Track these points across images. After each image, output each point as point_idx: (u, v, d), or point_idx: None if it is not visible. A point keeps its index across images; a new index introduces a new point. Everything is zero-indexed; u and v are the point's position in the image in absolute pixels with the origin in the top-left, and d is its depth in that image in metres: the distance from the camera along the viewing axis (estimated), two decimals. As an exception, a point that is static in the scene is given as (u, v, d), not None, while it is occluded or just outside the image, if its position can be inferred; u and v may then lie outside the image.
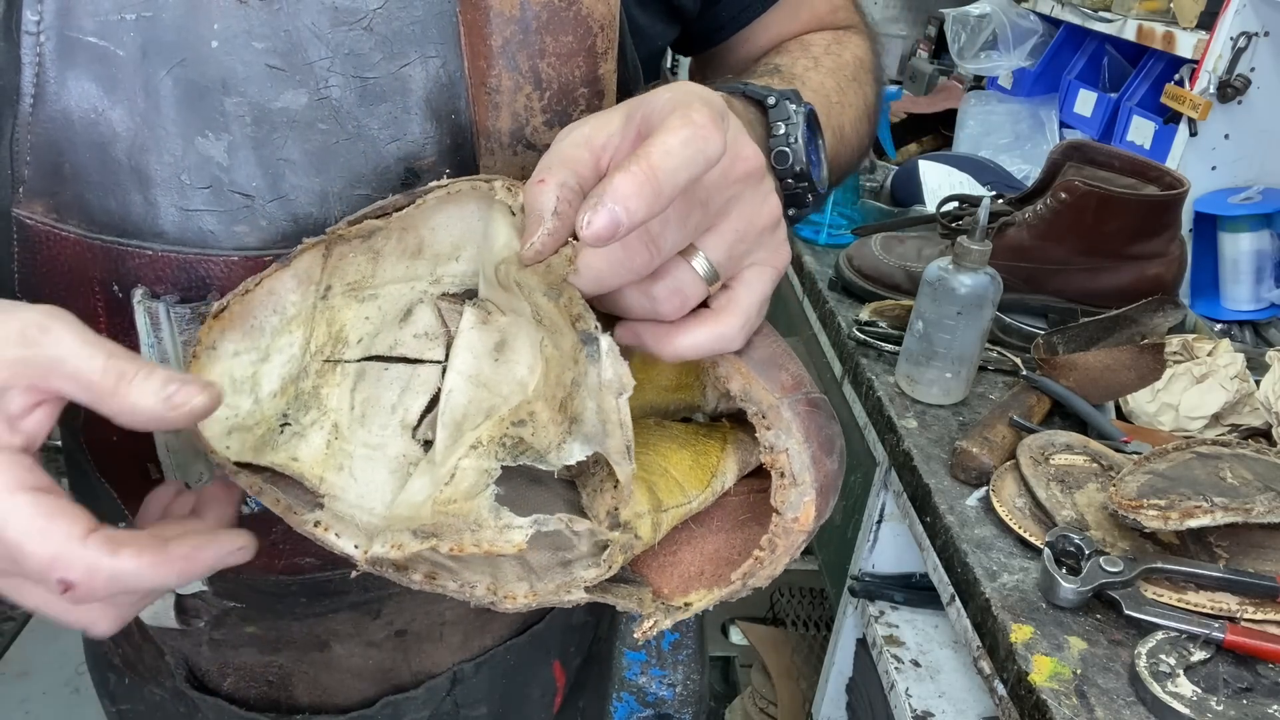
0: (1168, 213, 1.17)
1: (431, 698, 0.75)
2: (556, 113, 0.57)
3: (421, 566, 0.49)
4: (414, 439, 0.52)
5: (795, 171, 0.55)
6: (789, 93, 0.57)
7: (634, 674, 0.72)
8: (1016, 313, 1.22)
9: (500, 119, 0.56)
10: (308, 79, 0.53)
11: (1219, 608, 0.75)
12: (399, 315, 0.53)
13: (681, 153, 0.39)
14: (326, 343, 0.53)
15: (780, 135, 0.55)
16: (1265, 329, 1.49)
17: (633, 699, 0.73)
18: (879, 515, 1.15)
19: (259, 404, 0.51)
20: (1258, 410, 1.03)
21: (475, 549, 0.45)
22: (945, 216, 1.32)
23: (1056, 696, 0.69)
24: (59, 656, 2.06)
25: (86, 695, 2.05)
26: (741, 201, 0.45)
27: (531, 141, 0.57)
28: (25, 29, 0.51)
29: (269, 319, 0.51)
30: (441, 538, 0.46)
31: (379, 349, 0.53)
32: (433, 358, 0.53)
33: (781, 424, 0.49)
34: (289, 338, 0.52)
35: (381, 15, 0.54)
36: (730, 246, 0.46)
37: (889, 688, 1.06)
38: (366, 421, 0.52)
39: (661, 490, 0.52)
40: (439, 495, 0.46)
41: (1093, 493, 0.86)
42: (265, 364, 0.51)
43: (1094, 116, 1.88)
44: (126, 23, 0.51)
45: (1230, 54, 1.43)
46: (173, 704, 0.76)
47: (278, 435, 0.51)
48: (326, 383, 0.53)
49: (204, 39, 0.52)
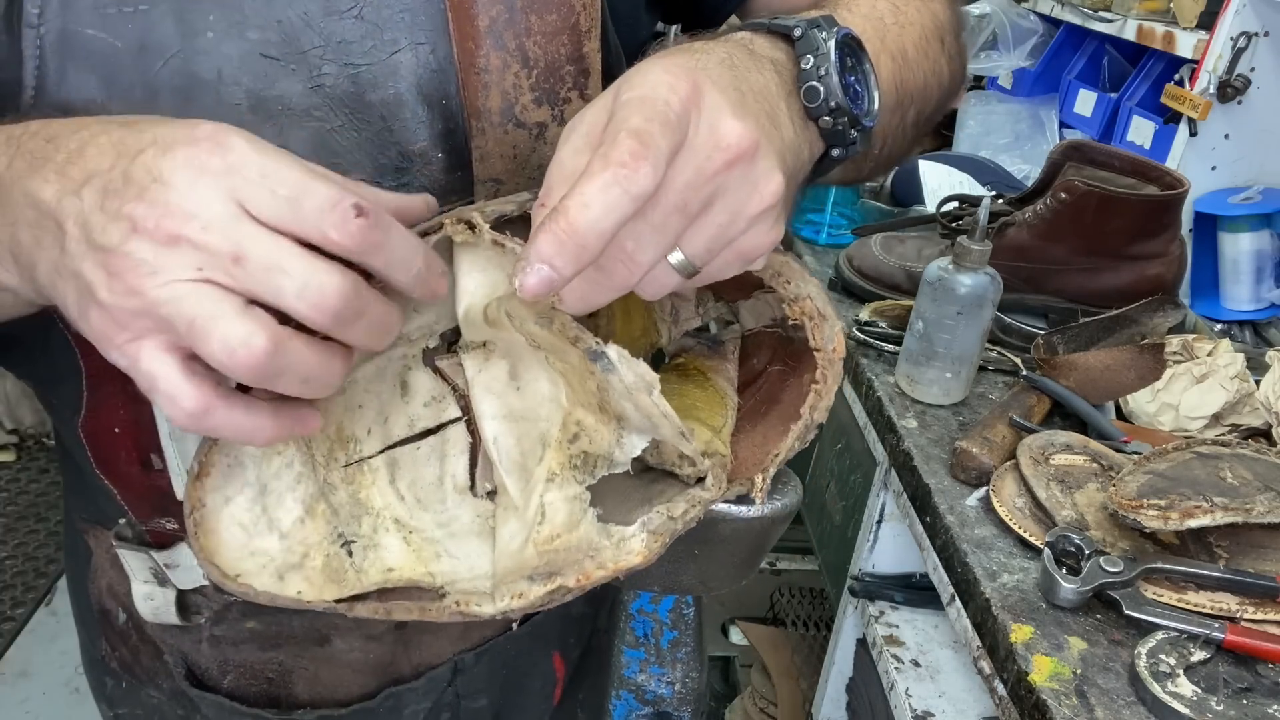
0: (1168, 213, 1.17)
1: (433, 688, 0.75)
2: (544, 90, 0.58)
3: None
4: (476, 497, 0.53)
5: (831, 107, 0.49)
6: (819, 20, 0.51)
7: (633, 672, 0.72)
8: (1016, 313, 1.22)
9: (490, 98, 0.57)
10: (301, 68, 0.54)
11: (1219, 608, 0.75)
12: (395, 392, 0.53)
13: (601, 200, 0.38)
14: (334, 448, 0.52)
15: (809, 69, 0.49)
16: (1265, 329, 1.49)
17: (631, 697, 0.73)
18: (879, 515, 1.15)
19: (287, 537, 0.51)
20: (1258, 410, 1.03)
21: (603, 573, 0.47)
22: (945, 216, 1.32)
23: (1056, 696, 0.69)
24: (59, 656, 2.06)
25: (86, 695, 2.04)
26: (726, 193, 0.43)
27: (521, 120, 0.58)
28: (26, 22, 0.51)
29: (245, 450, 0.50)
30: (563, 574, 0.48)
31: (398, 434, 0.53)
32: (452, 416, 0.54)
33: (796, 275, 0.54)
34: (279, 460, 0.51)
35: (371, 3, 0.55)
36: (711, 240, 0.44)
37: (889, 688, 1.06)
38: (426, 504, 0.53)
39: (706, 419, 0.56)
40: (538, 537, 0.48)
41: (1093, 493, 0.86)
42: (268, 497, 0.51)
43: (1094, 116, 1.88)
44: (124, 15, 0.52)
45: (1230, 54, 1.43)
46: (171, 706, 0.76)
47: (348, 559, 0.52)
48: (360, 486, 0.53)
49: (199, 30, 0.53)
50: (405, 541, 0.52)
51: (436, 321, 0.53)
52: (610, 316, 0.59)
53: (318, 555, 0.51)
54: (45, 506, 2.50)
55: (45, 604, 2.19)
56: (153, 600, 0.68)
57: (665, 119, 0.39)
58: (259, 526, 0.50)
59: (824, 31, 0.50)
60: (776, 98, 0.47)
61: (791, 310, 0.55)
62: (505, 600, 0.48)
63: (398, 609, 0.50)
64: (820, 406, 0.55)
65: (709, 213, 0.43)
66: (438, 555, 0.52)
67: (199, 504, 0.49)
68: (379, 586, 0.52)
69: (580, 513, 0.48)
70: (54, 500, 2.53)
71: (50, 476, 2.62)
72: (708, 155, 0.41)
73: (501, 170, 0.60)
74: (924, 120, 0.67)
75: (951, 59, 0.68)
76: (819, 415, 0.55)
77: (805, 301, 0.54)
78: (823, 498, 1.47)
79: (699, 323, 0.64)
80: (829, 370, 0.54)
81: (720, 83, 0.43)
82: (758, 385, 0.60)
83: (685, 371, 0.61)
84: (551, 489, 0.48)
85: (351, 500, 0.52)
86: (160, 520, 0.65)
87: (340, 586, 0.51)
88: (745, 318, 0.63)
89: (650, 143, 0.38)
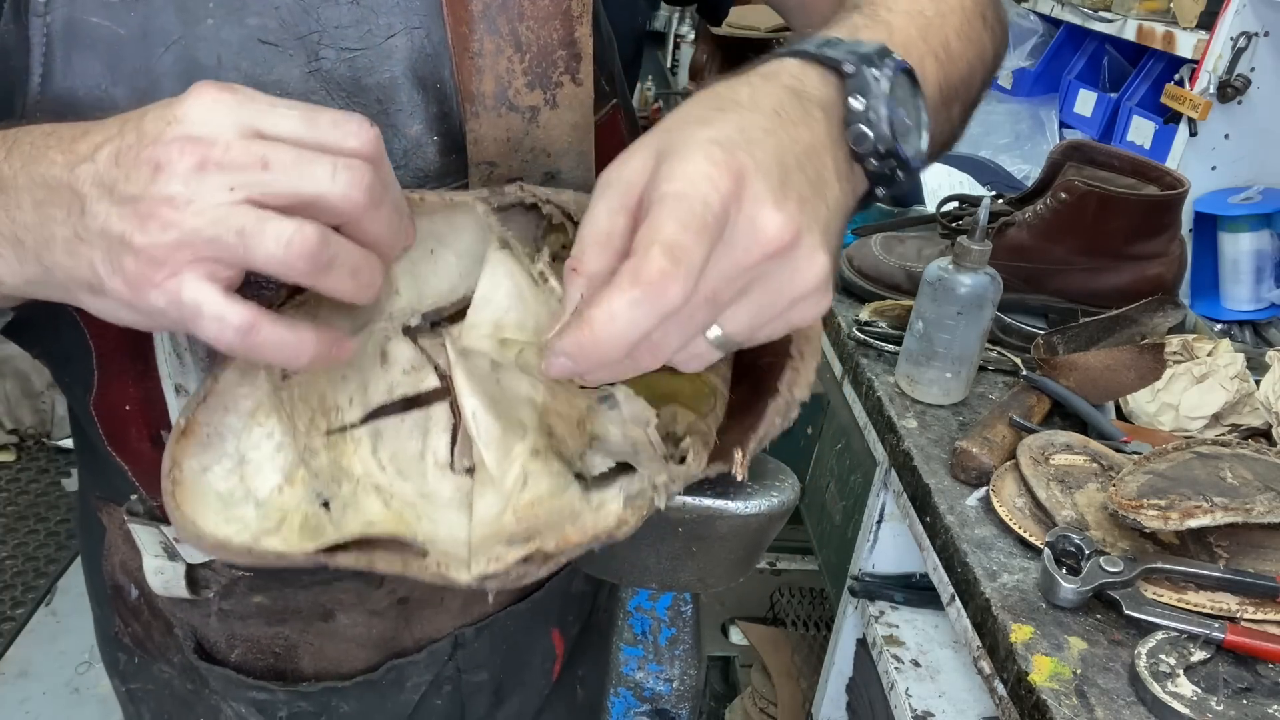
0: (1168, 213, 1.17)
1: (434, 661, 0.76)
2: (537, 74, 0.60)
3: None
4: (454, 473, 0.53)
5: (879, 152, 0.48)
6: (873, 53, 0.48)
7: (631, 669, 0.72)
8: (1016, 313, 1.22)
9: (484, 82, 0.59)
10: (299, 53, 0.56)
11: (1219, 608, 0.75)
12: (375, 361, 0.54)
13: (627, 316, 0.38)
14: (316, 417, 0.53)
15: (859, 110, 0.47)
16: (1265, 329, 1.49)
17: (630, 694, 0.74)
18: (879, 515, 1.15)
19: (263, 505, 0.51)
20: (1258, 410, 1.03)
21: (580, 537, 0.48)
22: (945, 216, 1.32)
23: (1056, 696, 0.69)
24: (59, 656, 2.06)
25: (86, 695, 2.05)
26: (766, 279, 0.42)
27: (514, 103, 0.60)
28: (33, 10, 0.53)
29: (226, 420, 0.51)
30: (541, 537, 0.48)
31: (377, 400, 0.54)
32: (431, 386, 0.54)
33: None
34: (260, 430, 0.52)
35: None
36: (752, 320, 0.43)
37: (889, 688, 1.06)
38: (406, 475, 0.54)
39: (691, 405, 0.56)
40: (519, 502, 0.48)
41: (1093, 493, 0.86)
42: (246, 466, 0.51)
43: (1094, 116, 1.88)
44: (127, 3, 0.54)
45: (1230, 54, 1.43)
46: (181, 680, 0.78)
47: (325, 514, 0.52)
48: (342, 453, 0.53)
49: (199, 18, 0.54)
50: (385, 505, 0.53)
51: (420, 300, 0.54)
52: None
53: (295, 516, 0.51)
54: (45, 506, 2.50)
55: (45, 604, 2.19)
56: (163, 574, 0.69)
57: (703, 224, 0.39)
58: (236, 495, 0.51)
59: (876, 69, 0.47)
60: (824, 151, 0.46)
61: None
62: (482, 565, 0.48)
63: (380, 560, 0.50)
64: (799, 384, 0.55)
65: (747, 297, 0.42)
66: (418, 518, 0.52)
67: (177, 465, 0.50)
68: (359, 536, 0.51)
69: (565, 484, 0.49)
70: (54, 500, 2.53)
71: (50, 477, 2.62)
72: (745, 249, 0.40)
73: (495, 153, 0.61)
74: (969, 107, 0.65)
75: (994, 32, 0.65)
76: (799, 393, 0.55)
77: None
78: (823, 498, 1.47)
79: None
80: (805, 346, 0.54)
81: (765, 165, 0.41)
82: (750, 379, 0.61)
83: (673, 365, 0.62)
84: (536, 461, 0.49)
85: (333, 465, 0.53)
86: None
87: (317, 538, 0.51)
88: None
89: (683, 259, 0.38)
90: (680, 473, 0.52)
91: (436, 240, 0.54)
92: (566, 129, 0.62)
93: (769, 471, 0.61)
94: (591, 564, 0.61)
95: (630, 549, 0.56)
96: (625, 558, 0.60)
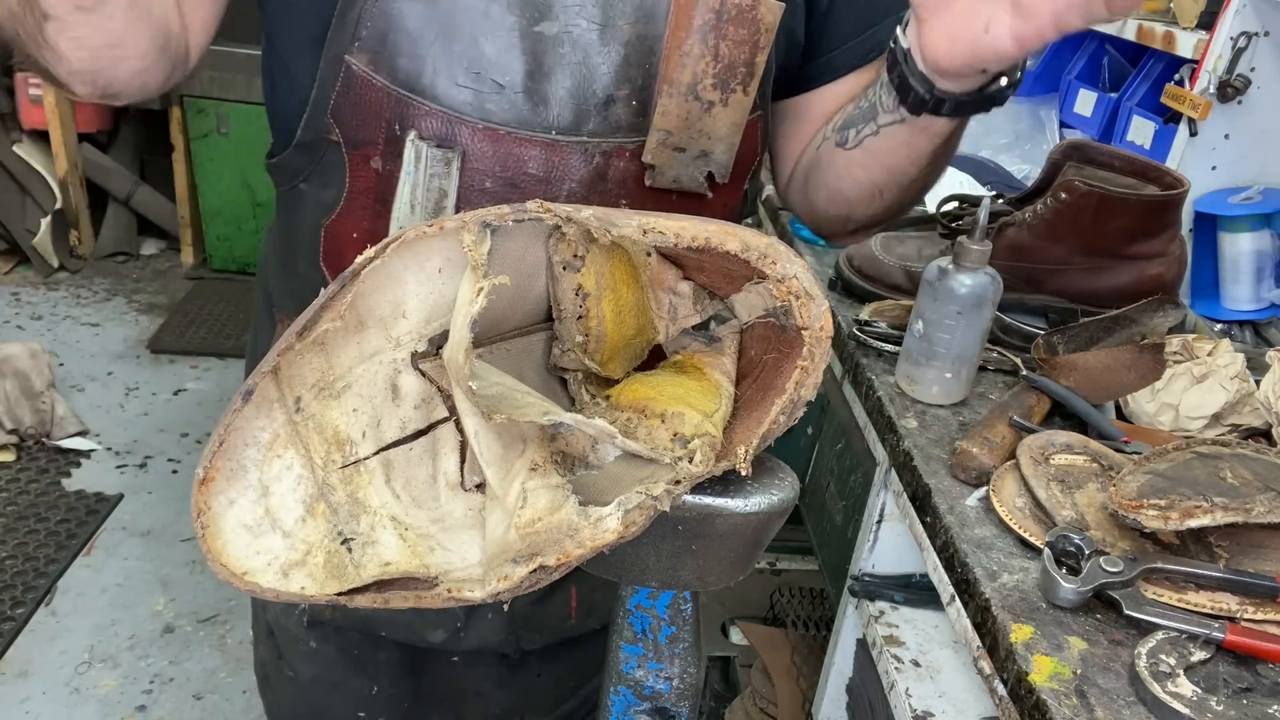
0: (1168, 213, 1.17)
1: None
2: (721, 80, 0.79)
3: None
4: (466, 491, 0.55)
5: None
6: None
7: (631, 667, 0.72)
8: (1016, 313, 1.22)
9: (683, 74, 0.79)
10: (560, 16, 0.77)
11: (1219, 608, 0.75)
12: (386, 396, 0.56)
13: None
14: (331, 450, 0.54)
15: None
16: (1265, 329, 1.49)
17: (629, 692, 0.74)
18: (879, 515, 1.15)
19: (290, 535, 0.53)
20: (1258, 410, 1.03)
21: (581, 550, 0.50)
22: (945, 216, 1.32)
23: (1056, 696, 0.69)
24: (59, 656, 2.06)
25: (87, 695, 2.05)
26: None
27: (700, 95, 0.79)
28: None
29: (247, 453, 0.53)
30: (544, 554, 0.50)
31: (390, 436, 0.56)
32: (440, 417, 0.56)
33: (783, 256, 0.57)
34: (281, 463, 0.53)
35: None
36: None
37: (889, 688, 1.06)
38: (420, 502, 0.56)
39: (697, 405, 0.58)
40: (520, 521, 0.50)
41: (1093, 493, 0.86)
42: (269, 498, 0.53)
43: (1094, 116, 1.88)
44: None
45: (1230, 54, 1.43)
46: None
47: (348, 555, 0.54)
48: (358, 486, 0.55)
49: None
50: (401, 538, 0.54)
51: (425, 324, 0.55)
52: (600, 319, 0.60)
53: (319, 553, 0.53)
54: (45, 506, 2.50)
55: (45, 604, 2.19)
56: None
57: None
58: (263, 526, 0.52)
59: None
60: None
61: (778, 291, 0.57)
62: (493, 584, 0.51)
63: (395, 599, 0.52)
64: (807, 384, 0.57)
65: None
66: (431, 549, 0.54)
67: (205, 508, 0.51)
68: (377, 579, 0.54)
69: (562, 499, 0.51)
70: (54, 500, 2.52)
71: (50, 477, 2.62)
72: None
73: (673, 125, 0.80)
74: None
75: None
76: (806, 392, 0.57)
77: (791, 281, 0.56)
78: (823, 498, 1.47)
79: (697, 319, 0.65)
80: (816, 348, 0.56)
81: None
82: (754, 376, 0.61)
83: (682, 367, 0.63)
84: (535, 478, 0.51)
85: (350, 500, 0.54)
86: None
87: (341, 581, 0.53)
88: (739, 311, 0.64)
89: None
90: (690, 473, 0.53)
91: (445, 259, 0.55)
92: (728, 124, 0.82)
93: (769, 469, 0.61)
94: (591, 562, 0.61)
95: (630, 547, 0.56)
96: (625, 556, 0.60)
